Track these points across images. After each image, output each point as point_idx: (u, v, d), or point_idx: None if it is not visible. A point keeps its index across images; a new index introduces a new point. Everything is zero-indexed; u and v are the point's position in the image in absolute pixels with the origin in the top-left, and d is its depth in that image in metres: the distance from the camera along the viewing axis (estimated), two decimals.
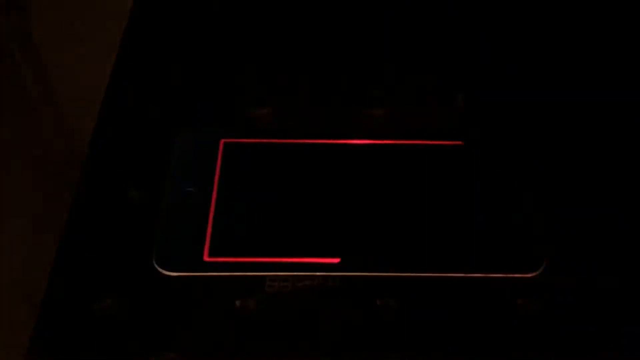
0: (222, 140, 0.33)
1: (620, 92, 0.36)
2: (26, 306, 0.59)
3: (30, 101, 0.61)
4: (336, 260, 0.28)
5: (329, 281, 0.28)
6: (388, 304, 0.27)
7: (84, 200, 0.30)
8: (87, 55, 0.61)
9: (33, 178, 0.63)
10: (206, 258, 0.28)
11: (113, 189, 0.31)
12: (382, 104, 0.33)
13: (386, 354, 0.25)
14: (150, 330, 0.26)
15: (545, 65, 0.37)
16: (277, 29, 0.39)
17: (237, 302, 0.27)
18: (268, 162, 0.32)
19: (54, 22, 0.60)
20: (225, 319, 0.26)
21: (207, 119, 0.34)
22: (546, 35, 0.39)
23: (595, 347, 0.26)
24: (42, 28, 0.60)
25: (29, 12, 0.58)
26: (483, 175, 0.31)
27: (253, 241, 0.29)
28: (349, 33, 0.39)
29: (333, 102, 0.35)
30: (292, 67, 0.37)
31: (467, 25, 0.40)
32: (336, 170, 0.32)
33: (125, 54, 0.38)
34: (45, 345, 0.26)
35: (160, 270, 0.28)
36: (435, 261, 0.28)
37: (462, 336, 0.26)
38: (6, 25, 0.56)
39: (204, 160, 0.32)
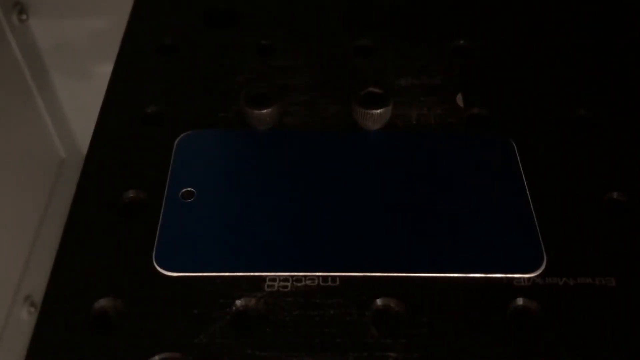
0: (222, 140, 0.33)
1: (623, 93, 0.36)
2: (26, 306, 0.59)
3: (30, 101, 0.61)
4: (336, 260, 0.28)
5: (329, 281, 0.28)
6: (388, 305, 0.27)
7: (83, 199, 0.30)
8: (87, 56, 0.62)
9: (33, 178, 0.63)
10: (206, 258, 0.28)
11: (113, 188, 0.31)
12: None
13: (386, 354, 0.25)
14: (151, 330, 0.26)
15: (548, 65, 0.37)
16: (278, 28, 0.39)
17: (237, 302, 0.27)
18: (269, 161, 0.32)
19: (54, 22, 0.60)
20: (225, 319, 0.26)
21: (207, 119, 0.34)
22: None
23: (596, 347, 0.26)
24: (42, 28, 0.60)
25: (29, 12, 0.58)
26: (482, 174, 0.31)
27: (253, 241, 0.29)
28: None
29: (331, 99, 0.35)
30: (293, 67, 0.37)
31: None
32: (337, 168, 0.32)
33: (125, 53, 0.38)
34: (45, 346, 0.26)
35: (160, 270, 0.28)
36: (436, 261, 0.28)
37: (462, 336, 0.26)
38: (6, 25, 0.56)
39: (204, 160, 0.32)
